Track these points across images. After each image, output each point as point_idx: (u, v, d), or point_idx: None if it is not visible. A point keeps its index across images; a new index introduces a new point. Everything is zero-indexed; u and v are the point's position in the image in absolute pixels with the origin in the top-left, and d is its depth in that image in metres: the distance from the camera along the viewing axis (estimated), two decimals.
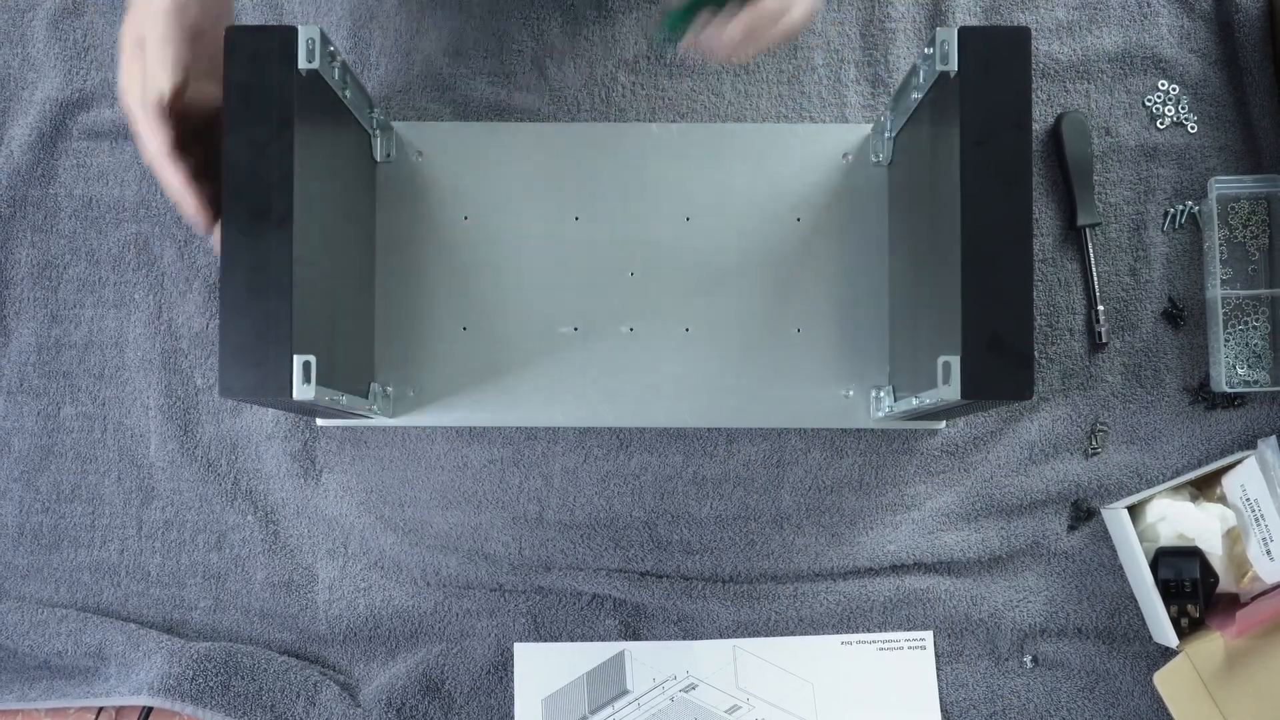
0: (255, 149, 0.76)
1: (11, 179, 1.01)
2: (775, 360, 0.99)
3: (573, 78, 1.02)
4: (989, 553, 1.00)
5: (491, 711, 0.98)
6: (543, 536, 1.00)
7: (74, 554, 1.00)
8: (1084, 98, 1.03)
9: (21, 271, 1.01)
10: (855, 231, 0.99)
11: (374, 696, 0.97)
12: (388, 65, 1.02)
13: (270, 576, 1.00)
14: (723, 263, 0.99)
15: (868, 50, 1.03)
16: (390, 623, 1.00)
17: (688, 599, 0.99)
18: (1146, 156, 1.03)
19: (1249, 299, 1.02)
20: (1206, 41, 1.04)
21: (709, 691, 0.99)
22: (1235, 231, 1.02)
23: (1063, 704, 0.99)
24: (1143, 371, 1.02)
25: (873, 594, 0.99)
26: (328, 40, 0.80)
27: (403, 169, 0.99)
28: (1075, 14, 1.04)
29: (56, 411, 1.01)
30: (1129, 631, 1.00)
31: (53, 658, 0.97)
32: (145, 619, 0.99)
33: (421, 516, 1.00)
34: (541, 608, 1.00)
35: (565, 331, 0.99)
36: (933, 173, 0.85)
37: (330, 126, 0.87)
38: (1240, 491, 0.97)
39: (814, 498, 1.00)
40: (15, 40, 1.03)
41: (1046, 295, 1.02)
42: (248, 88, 0.77)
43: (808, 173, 1.00)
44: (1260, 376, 1.01)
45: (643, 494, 1.00)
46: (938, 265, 0.82)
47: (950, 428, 1.01)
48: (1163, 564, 0.96)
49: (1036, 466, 1.01)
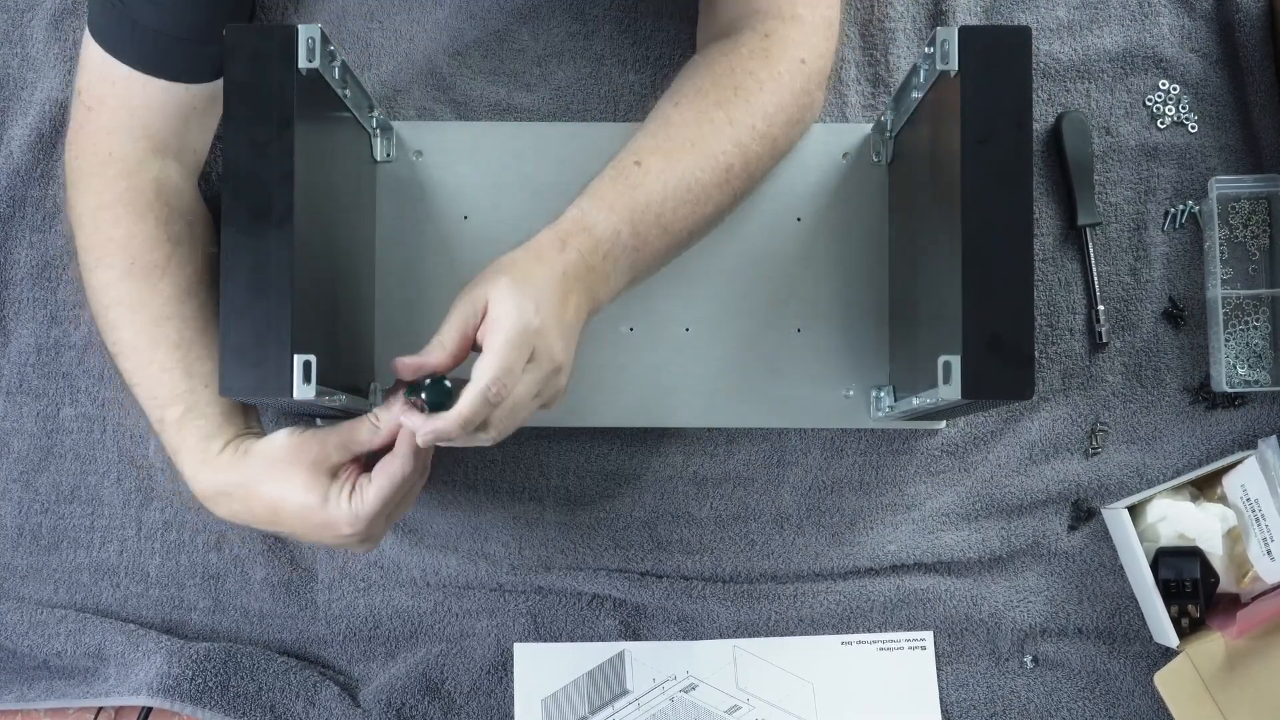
0: (255, 149, 0.76)
1: (11, 179, 1.01)
2: (775, 360, 0.98)
3: (573, 78, 1.02)
4: (989, 553, 1.00)
5: (491, 711, 0.98)
6: (543, 536, 1.00)
7: (73, 555, 1.00)
8: (1084, 97, 1.03)
9: (21, 272, 1.01)
10: (855, 231, 0.99)
11: (374, 697, 0.97)
12: (388, 65, 1.02)
13: (269, 577, 1.00)
14: (723, 263, 0.99)
15: (867, 50, 1.03)
16: (390, 623, 1.00)
17: (688, 599, 0.99)
18: (1147, 156, 1.03)
19: (1249, 299, 1.02)
20: (1207, 41, 1.04)
21: (709, 691, 0.99)
22: (1236, 231, 1.02)
23: (1063, 704, 0.99)
24: (1143, 371, 1.01)
25: (873, 594, 0.99)
26: (328, 40, 0.80)
27: (402, 169, 0.99)
28: (1076, 13, 1.04)
29: (56, 412, 1.01)
30: (1129, 632, 1.00)
31: (52, 658, 0.97)
32: (145, 619, 0.99)
33: (421, 516, 1.00)
34: (541, 608, 0.99)
35: None
36: (933, 172, 0.85)
37: (330, 126, 0.87)
38: (1241, 491, 0.97)
39: (814, 498, 1.00)
40: (15, 41, 1.03)
41: (1046, 295, 1.02)
42: (248, 87, 0.76)
43: (808, 173, 0.99)
44: (1261, 376, 1.01)
45: (643, 494, 1.00)
46: (938, 265, 0.82)
47: (950, 428, 1.01)
48: (1163, 564, 0.96)
49: (1037, 466, 1.01)
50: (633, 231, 0.82)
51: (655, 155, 0.84)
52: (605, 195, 0.83)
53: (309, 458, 0.81)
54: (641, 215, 0.83)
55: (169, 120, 0.90)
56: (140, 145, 0.89)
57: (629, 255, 0.83)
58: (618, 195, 0.83)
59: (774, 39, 0.88)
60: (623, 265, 0.83)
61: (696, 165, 0.85)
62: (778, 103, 0.88)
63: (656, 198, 0.83)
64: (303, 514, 0.81)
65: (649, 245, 0.84)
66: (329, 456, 0.81)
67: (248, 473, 0.83)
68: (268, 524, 0.84)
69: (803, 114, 0.91)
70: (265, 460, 0.83)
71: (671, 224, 0.84)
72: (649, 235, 0.83)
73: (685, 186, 0.84)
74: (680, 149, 0.85)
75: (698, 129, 0.85)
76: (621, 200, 0.83)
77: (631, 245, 0.83)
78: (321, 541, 0.84)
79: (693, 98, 0.87)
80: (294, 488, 0.81)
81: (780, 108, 0.88)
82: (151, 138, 0.89)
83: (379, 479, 0.81)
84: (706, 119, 0.85)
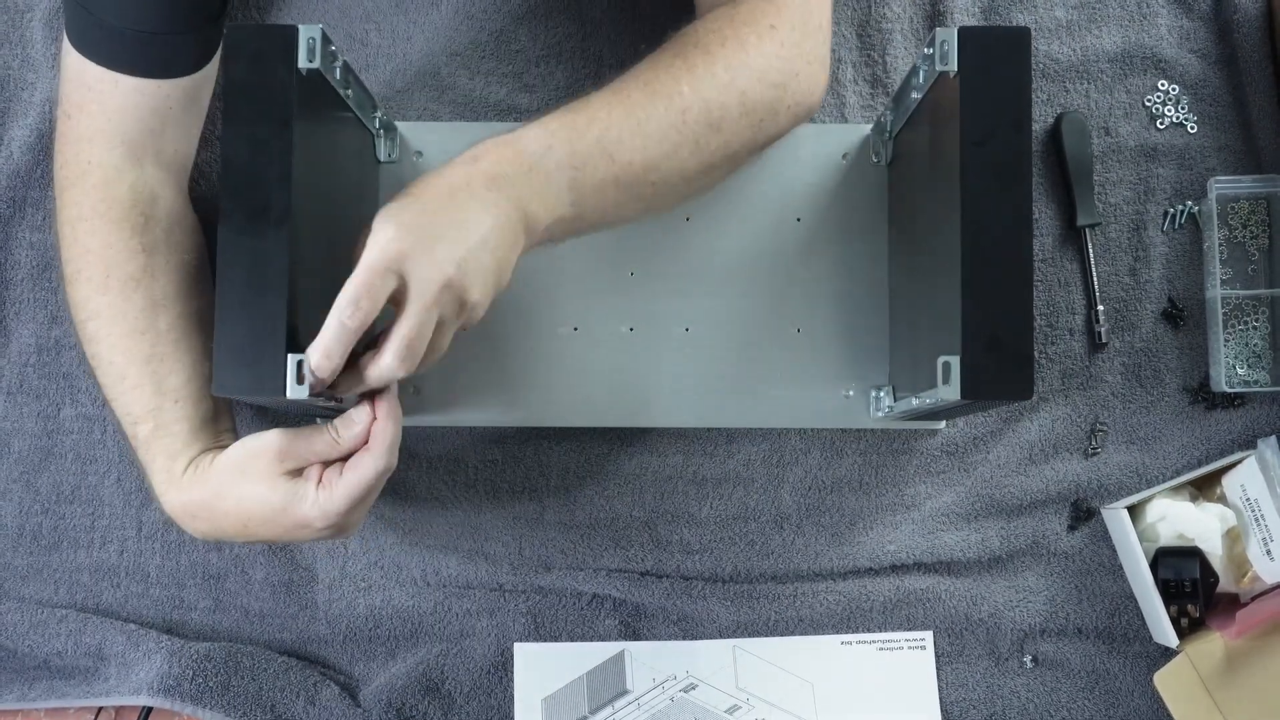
0: (254, 147, 0.76)
1: (11, 179, 1.01)
2: (775, 360, 0.98)
3: (573, 78, 1.02)
4: (989, 553, 1.00)
5: (491, 711, 0.98)
6: (542, 536, 1.00)
7: (74, 555, 1.00)
8: (1084, 98, 1.03)
9: (21, 272, 1.01)
10: (855, 231, 0.99)
11: (374, 696, 0.97)
12: (386, 66, 1.02)
13: (270, 576, 1.00)
14: (723, 263, 0.99)
15: (865, 50, 1.03)
16: (390, 623, 1.00)
17: (688, 599, 0.99)
18: (1146, 156, 1.03)
19: (1249, 299, 1.02)
20: (1206, 41, 1.04)
21: (709, 691, 0.99)
22: (1235, 231, 1.02)
23: (1063, 704, 0.99)
24: (1143, 371, 1.02)
25: (873, 594, 0.99)
26: (329, 40, 0.80)
27: (404, 169, 0.99)
28: (1074, 14, 1.04)
29: (56, 413, 1.01)
30: (1129, 631, 1.00)
31: (52, 658, 0.97)
32: (145, 619, 0.99)
33: (421, 516, 1.00)
34: (541, 608, 0.99)
35: (565, 331, 0.99)
36: (933, 173, 0.85)
37: (332, 126, 0.87)
38: (1240, 491, 0.97)
39: (814, 498, 1.00)
40: (15, 41, 1.03)
41: (1046, 295, 1.02)
42: (248, 86, 0.76)
43: (807, 173, 1.00)
44: (1260, 376, 1.01)
45: (643, 494, 1.00)
46: (938, 265, 0.82)
47: (950, 428, 1.01)
48: (1163, 564, 0.96)
49: (1036, 466, 1.01)
50: (570, 150, 0.78)
51: (605, 92, 0.81)
52: (542, 121, 0.79)
53: (265, 462, 0.79)
54: (581, 135, 0.78)
55: (144, 121, 0.88)
56: (117, 152, 0.88)
57: (566, 173, 0.78)
58: (554, 118, 0.79)
59: (741, 9, 0.84)
60: (560, 182, 0.78)
61: (646, 101, 0.80)
62: (741, 58, 0.82)
63: (599, 123, 0.79)
64: (272, 518, 0.79)
65: (592, 168, 0.79)
66: (284, 459, 0.79)
67: (210, 489, 0.82)
68: (239, 536, 0.82)
69: (782, 78, 0.84)
70: (224, 473, 0.81)
71: (618, 152, 0.79)
72: (590, 156, 0.79)
73: (635, 119, 0.80)
74: (630, 87, 0.81)
75: (652, 72, 0.82)
76: (556, 120, 0.79)
77: (569, 163, 0.78)
78: (298, 540, 0.83)
79: (655, 54, 0.84)
80: (258, 493, 0.79)
81: (745, 63, 0.82)
82: (128, 143, 0.88)
83: (349, 474, 0.78)
84: (663, 66, 0.82)
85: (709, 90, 0.81)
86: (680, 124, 0.81)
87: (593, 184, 0.79)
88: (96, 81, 0.87)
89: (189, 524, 0.84)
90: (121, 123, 0.88)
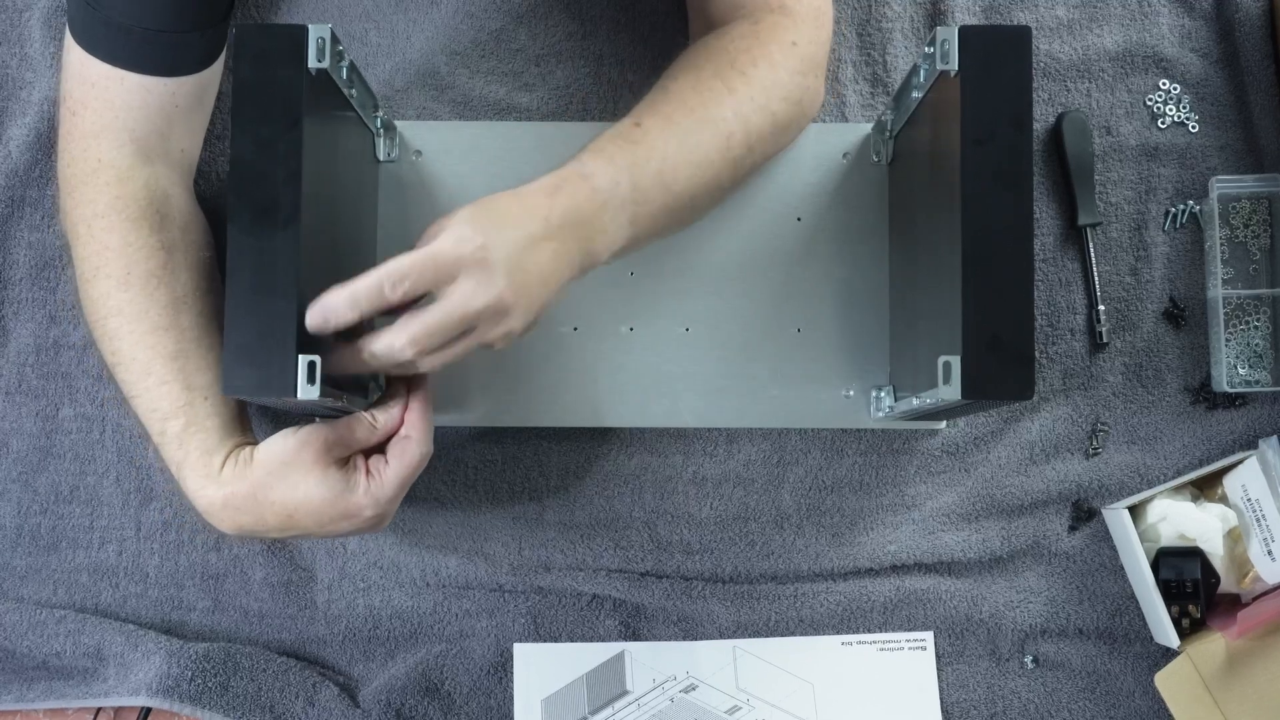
0: (262, 147, 0.76)
1: (10, 179, 1.01)
2: (775, 360, 0.98)
3: (573, 77, 1.02)
4: (989, 553, 1.00)
5: (491, 712, 0.98)
6: (542, 536, 1.00)
7: (72, 555, 1.00)
8: (1085, 97, 1.03)
9: (20, 272, 1.01)
10: (855, 231, 0.99)
11: (373, 697, 0.97)
12: (386, 65, 1.02)
13: (269, 577, 0.99)
14: (723, 263, 0.99)
15: (865, 50, 1.03)
16: (390, 623, 0.99)
17: (688, 599, 0.99)
18: (1147, 156, 1.03)
19: (1250, 299, 1.02)
20: (1207, 41, 1.04)
21: (709, 692, 0.99)
22: (1236, 231, 1.02)
23: (1063, 704, 0.99)
24: (1143, 371, 1.01)
25: (873, 594, 0.99)
26: (338, 40, 0.80)
27: (403, 168, 0.99)
28: (1075, 13, 1.04)
29: (55, 412, 1.00)
30: (1130, 632, 1.00)
31: (51, 658, 0.97)
32: (144, 620, 0.99)
33: (421, 516, 1.00)
34: (541, 608, 0.99)
35: (565, 331, 0.98)
36: (933, 172, 0.85)
37: (335, 126, 0.87)
38: (1241, 491, 0.97)
39: (814, 498, 1.00)
40: (13, 40, 1.03)
41: (1047, 295, 1.01)
42: (256, 86, 0.76)
43: (808, 173, 0.99)
44: (1261, 376, 1.01)
45: (643, 494, 1.00)
46: (938, 265, 0.82)
47: (950, 428, 1.01)
48: (1164, 564, 0.96)
49: (1037, 466, 1.01)
50: (633, 185, 0.80)
51: (654, 117, 0.83)
52: (604, 149, 0.81)
53: (313, 454, 0.81)
54: (642, 169, 0.80)
55: (151, 120, 0.89)
56: (127, 150, 0.88)
57: (628, 209, 0.80)
58: (617, 149, 0.81)
59: (763, 25, 0.87)
60: (622, 219, 0.80)
61: (696, 128, 0.83)
62: (773, 78, 0.86)
63: (657, 154, 0.81)
64: (322, 508, 0.81)
65: (650, 201, 0.81)
66: (332, 450, 0.82)
67: (254, 482, 0.83)
68: (279, 530, 0.84)
69: (801, 94, 0.88)
70: (270, 466, 0.82)
71: (673, 182, 0.82)
72: (650, 190, 0.81)
73: (686, 148, 0.82)
74: (679, 112, 0.83)
75: (696, 95, 0.84)
76: (621, 154, 0.80)
77: (631, 199, 0.80)
78: (337, 533, 0.84)
79: (689, 71, 0.85)
80: (308, 485, 0.81)
81: (776, 83, 0.86)
82: (137, 141, 0.89)
83: (395, 462, 0.82)
84: (705, 87, 0.84)
85: (749, 114, 0.85)
86: (725, 149, 0.84)
87: (649, 214, 0.82)
88: (100, 78, 0.87)
89: (229, 517, 0.84)
90: (129, 120, 0.88)
